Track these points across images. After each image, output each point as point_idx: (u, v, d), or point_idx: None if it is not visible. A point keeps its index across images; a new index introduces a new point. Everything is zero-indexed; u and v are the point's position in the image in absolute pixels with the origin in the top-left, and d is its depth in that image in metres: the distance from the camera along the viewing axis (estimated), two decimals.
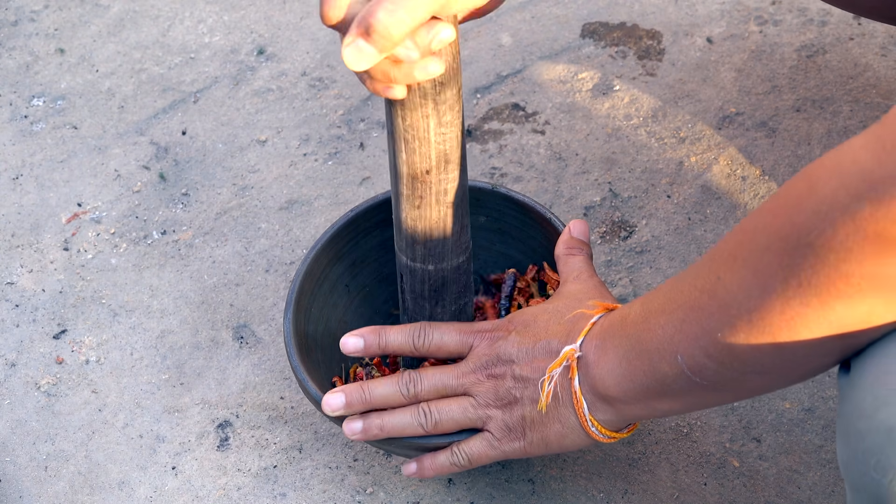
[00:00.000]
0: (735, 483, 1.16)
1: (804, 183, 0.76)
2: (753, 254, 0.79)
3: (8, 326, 1.31)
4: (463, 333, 1.03)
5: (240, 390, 1.25)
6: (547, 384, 0.96)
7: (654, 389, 0.90)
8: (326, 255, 1.15)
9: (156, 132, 1.45)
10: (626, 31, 1.49)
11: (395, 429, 1.03)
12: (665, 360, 0.88)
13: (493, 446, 1.02)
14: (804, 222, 0.75)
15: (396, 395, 1.03)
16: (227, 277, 1.33)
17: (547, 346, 0.98)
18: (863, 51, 1.43)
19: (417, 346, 1.04)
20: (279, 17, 1.55)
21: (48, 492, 1.20)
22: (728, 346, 0.82)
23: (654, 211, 1.33)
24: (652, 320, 0.89)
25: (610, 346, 0.93)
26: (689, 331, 0.85)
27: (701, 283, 0.84)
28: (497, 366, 1.00)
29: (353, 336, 1.04)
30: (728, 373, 0.84)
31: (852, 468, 0.78)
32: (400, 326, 1.05)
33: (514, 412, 0.99)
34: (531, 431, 0.99)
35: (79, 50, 1.53)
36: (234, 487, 1.19)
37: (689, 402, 0.90)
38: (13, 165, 1.43)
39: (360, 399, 1.03)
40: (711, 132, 1.39)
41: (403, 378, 1.03)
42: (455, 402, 1.02)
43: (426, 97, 0.93)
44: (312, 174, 1.40)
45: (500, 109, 1.43)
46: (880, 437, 0.75)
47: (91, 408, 1.25)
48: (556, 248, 1.09)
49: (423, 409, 1.02)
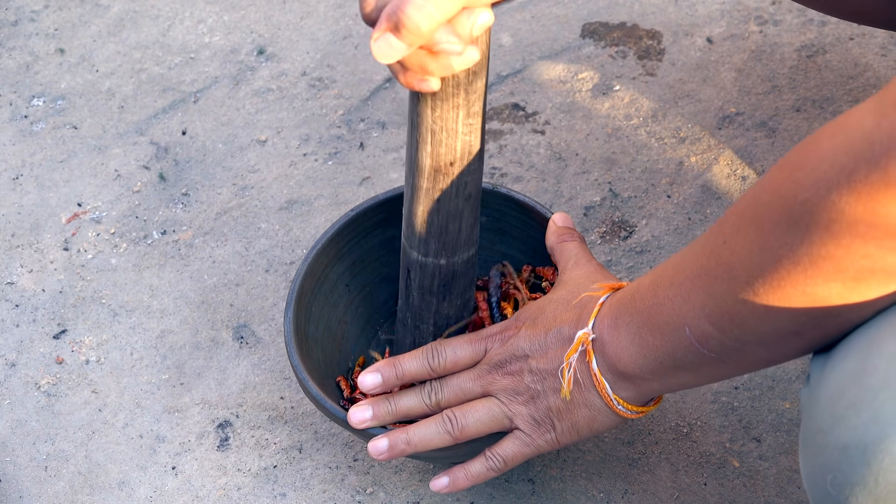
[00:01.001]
0: (735, 483, 1.16)
1: (809, 144, 0.76)
2: (757, 213, 0.79)
3: (8, 326, 1.31)
4: (474, 342, 1.03)
5: (240, 390, 1.25)
6: (567, 372, 0.96)
7: (667, 364, 0.90)
8: (327, 255, 1.15)
9: (156, 132, 1.45)
10: (626, 31, 1.49)
11: (422, 441, 1.02)
12: (675, 333, 0.88)
13: (525, 443, 1.01)
14: (802, 179, 0.75)
15: (420, 406, 1.03)
16: (227, 277, 1.33)
17: (559, 335, 0.98)
18: (863, 51, 1.43)
19: (433, 367, 1.04)
20: (279, 17, 1.55)
21: (48, 492, 1.20)
22: (730, 312, 0.82)
23: (654, 211, 1.33)
24: (661, 294, 0.89)
25: (622, 324, 0.93)
26: (696, 299, 0.85)
27: (709, 249, 0.83)
28: (512, 363, 1.00)
29: (370, 373, 1.04)
30: (729, 342, 0.84)
31: (812, 483, 0.79)
32: (411, 353, 1.05)
33: (539, 405, 0.99)
34: (559, 421, 0.99)
35: (79, 50, 1.53)
36: (234, 487, 1.19)
37: (702, 374, 0.90)
38: (13, 165, 1.43)
39: (388, 411, 1.04)
40: (711, 132, 1.39)
41: (425, 388, 1.03)
42: (479, 404, 1.02)
43: (458, 87, 0.92)
44: (312, 174, 1.40)
45: (500, 109, 1.43)
46: (836, 454, 0.76)
47: (91, 408, 1.25)
48: (547, 240, 1.09)
49: (448, 416, 1.02)
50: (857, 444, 0.75)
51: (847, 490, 0.75)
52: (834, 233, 0.74)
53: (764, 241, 0.78)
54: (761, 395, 1.20)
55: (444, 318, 1.08)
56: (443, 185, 0.98)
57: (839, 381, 0.77)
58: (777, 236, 0.77)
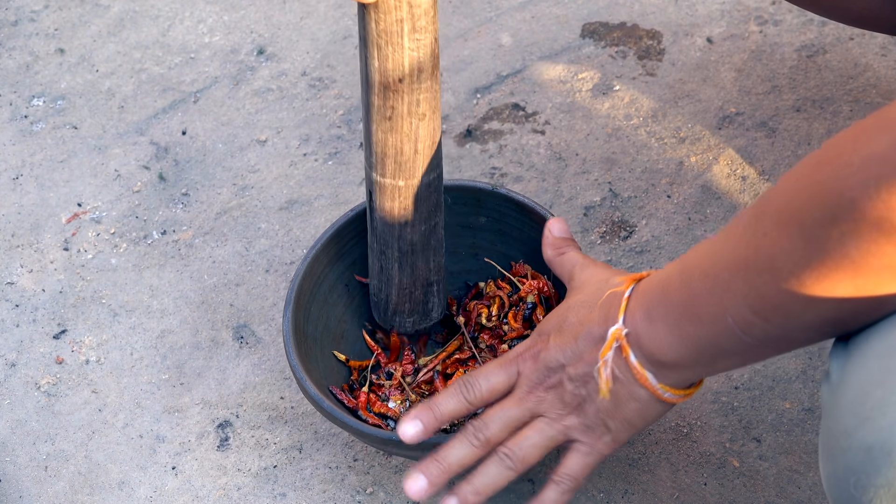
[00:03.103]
0: (735, 483, 1.16)
1: (851, 140, 0.76)
2: (799, 209, 0.78)
3: (8, 326, 1.31)
4: (505, 366, 1.02)
5: (240, 390, 1.25)
6: (603, 371, 0.96)
7: (709, 351, 0.90)
8: (326, 255, 1.15)
9: (156, 132, 1.45)
10: (626, 31, 1.49)
11: (488, 486, 1.02)
12: (716, 323, 0.87)
13: (586, 453, 1.00)
14: (850, 177, 0.75)
15: (471, 452, 1.02)
16: (227, 277, 1.33)
17: (589, 336, 0.97)
18: (863, 51, 1.43)
19: (471, 401, 1.02)
20: (279, 17, 1.55)
21: (48, 492, 1.20)
22: (774, 302, 0.82)
23: (654, 211, 1.33)
24: (696, 285, 0.88)
25: (657, 317, 0.92)
26: (737, 290, 0.84)
27: (746, 241, 0.83)
28: (550, 376, 0.99)
29: (408, 423, 1.02)
30: (774, 330, 0.84)
31: (833, 485, 0.78)
32: (445, 393, 1.03)
33: (588, 411, 0.98)
34: (612, 421, 0.98)
35: (79, 50, 1.53)
36: (234, 487, 1.19)
37: (746, 358, 0.91)
38: (13, 165, 1.43)
39: (441, 471, 1.02)
40: (711, 132, 1.39)
41: (469, 430, 1.01)
42: (530, 430, 1.00)
43: (401, 0, 0.94)
44: (312, 174, 1.40)
45: (500, 109, 1.43)
46: (860, 456, 0.75)
47: (91, 408, 1.25)
48: (544, 253, 1.08)
49: (505, 453, 1.01)
50: (882, 446, 0.74)
51: (871, 492, 0.75)
52: (885, 230, 0.74)
53: (809, 236, 0.78)
54: (761, 395, 1.20)
55: (408, 243, 1.08)
56: (393, 103, 0.98)
57: (863, 382, 0.77)
58: (823, 232, 0.77)
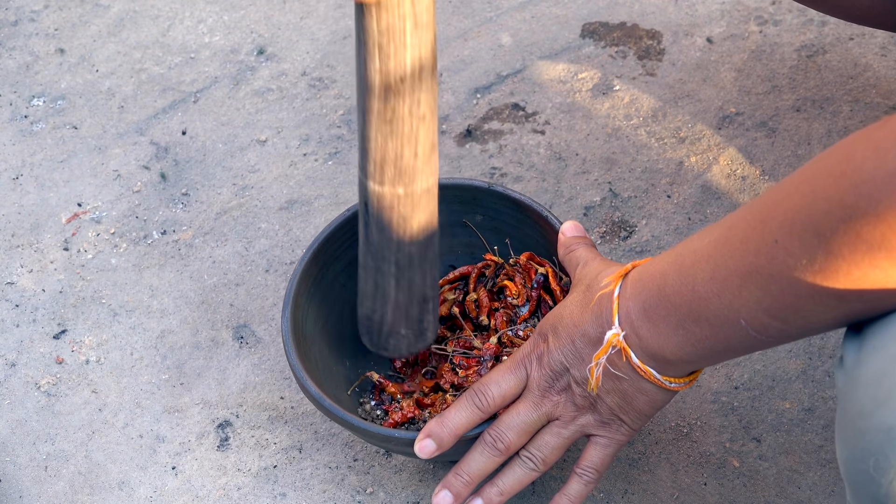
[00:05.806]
0: (735, 483, 1.16)
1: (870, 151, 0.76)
2: (816, 219, 0.79)
3: (8, 326, 1.31)
4: (513, 371, 1.04)
5: (240, 390, 1.25)
6: (595, 370, 0.98)
7: (719, 349, 0.92)
8: (324, 255, 1.15)
9: (156, 132, 1.45)
10: (626, 31, 1.49)
11: (513, 487, 1.05)
12: (728, 325, 0.89)
13: (606, 445, 1.03)
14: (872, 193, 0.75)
15: (491, 460, 1.04)
16: (227, 277, 1.33)
17: (585, 338, 0.99)
18: (863, 51, 1.43)
19: (483, 409, 1.04)
20: (279, 17, 1.55)
21: (48, 492, 1.20)
22: (793, 306, 0.83)
23: (654, 211, 1.33)
24: (700, 288, 0.89)
25: (658, 319, 0.93)
26: (750, 295, 0.85)
27: (756, 248, 0.84)
28: (558, 380, 1.01)
29: (423, 441, 1.04)
30: (793, 329, 0.85)
31: (851, 467, 0.78)
32: (455, 405, 1.05)
33: (601, 408, 1.01)
34: (624, 413, 1.00)
35: (79, 50, 1.53)
36: (234, 487, 1.19)
37: (755, 351, 0.92)
38: (13, 165, 1.43)
39: (465, 483, 1.05)
40: (711, 132, 1.39)
41: (487, 440, 1.04)
42: (548, 435, 1.03)
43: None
44: (312, 174, 1.40)
45: (500, 109, 1.43)
46: (879, 437, 0.75)
47: (91, 408, 1.25)
48: (559, 254, 1.09)
49: (527, 456, 1.04)
50: None
51: (891, 473, 0.75)
52: None
53: (828, 247, 0.78)
54: (761, 395, 1.20)
55: (406, 256, 1.05)
56: (394, 104, 0.95)
57: (881, 364, 0.78)
58: (844, 244, 0.78)
